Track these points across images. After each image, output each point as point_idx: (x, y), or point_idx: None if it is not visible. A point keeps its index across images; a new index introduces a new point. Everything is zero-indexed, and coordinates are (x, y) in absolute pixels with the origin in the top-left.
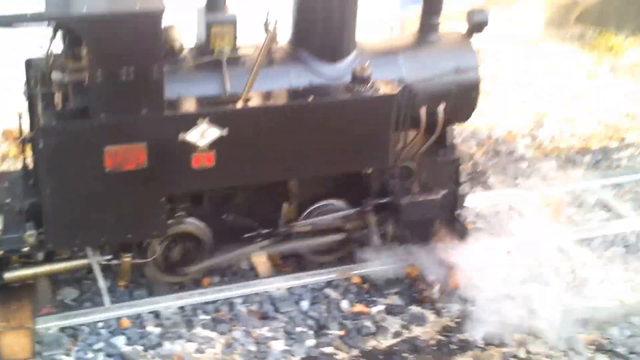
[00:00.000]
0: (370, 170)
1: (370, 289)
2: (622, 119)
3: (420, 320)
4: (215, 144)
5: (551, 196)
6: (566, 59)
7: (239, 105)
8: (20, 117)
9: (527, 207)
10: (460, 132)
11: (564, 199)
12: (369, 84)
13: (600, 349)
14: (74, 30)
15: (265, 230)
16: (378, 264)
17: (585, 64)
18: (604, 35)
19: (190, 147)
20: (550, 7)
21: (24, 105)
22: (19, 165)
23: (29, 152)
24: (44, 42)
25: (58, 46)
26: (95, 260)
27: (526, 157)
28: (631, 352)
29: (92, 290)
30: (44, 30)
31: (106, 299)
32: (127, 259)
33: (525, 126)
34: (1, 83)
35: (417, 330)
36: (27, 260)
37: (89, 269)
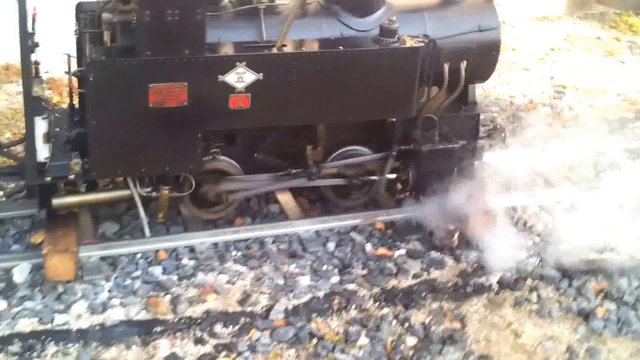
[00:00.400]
0: (394, 119)
1: (393, 234)
2: (639, 94)
3: (439, 264)
4: (251, 87)
5: (566, 156)
6: (586, 35)
7: (274, 51)
8: (69, 57)
9: (543, 164)
10: (483, 98)
11: (579, 160)
12: (395, 37)
13: (608, 297)
14: None
15: (294, 170)
16: (401, 211)
17: (604, 40)
18: (624, 15)
19: (228, 89)
20: None
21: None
22: None
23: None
24: None
25: None
26: (135, 191)
27: (545, 123)
28: (637, 300)
29: (132, 225)
30: None
31: (146, 228)
32: (165, 191)
33: (546, 96)
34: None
35: (435, 273)
36: (73, 189)
37: (129, 206)
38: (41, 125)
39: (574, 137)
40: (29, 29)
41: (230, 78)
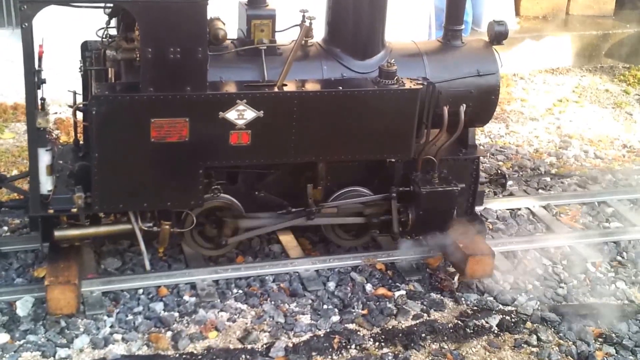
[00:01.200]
0: (393, 160)
1: (393, 275)
2: None
3: (439, 305)
4: (252, 124)
5: (569, 205)
6: (595, 87)
7: (275, 90)
8: (74, 93)
9: (546, 213)
10: (489, 147)
11: (582, 208)
12: (394, 79)
13: (608, 341)
14: (128, 15)
15: (294, 209)
16: (401, 252)
17: (613, 93)
18: (633, 69)
19: (229, 125)
20: (580, 39)
21: (78, 85)
22: None
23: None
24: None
25: (112, 31)
26: (137, 226)
27: (550, 172)
28: (637, 346)
29: (134, 261)
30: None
31: (147, 262)
32: (166, 226)
33: (552, 146)
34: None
35: (435, 314)
36: (75, 222)
37: (131, 243)
38: (44, 157)
39: (577, 186)
40: (36, 66)
41: (231, 115)
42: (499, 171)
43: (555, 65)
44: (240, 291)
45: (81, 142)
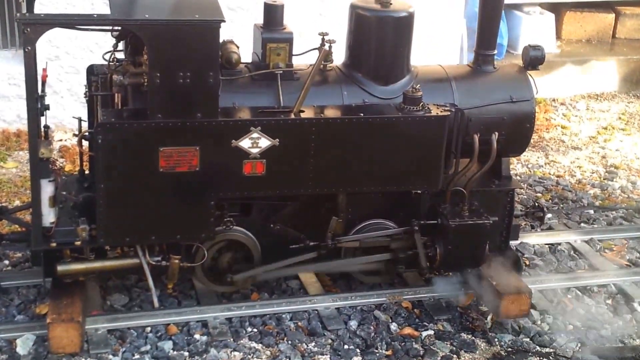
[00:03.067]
0: (419, 191)
1: (420, 314)
2: None
3: (470, 346)
4: (267, 153)
5: (614, 240)
6: None
7: (291, 116)
8: (79, 120)
9: (589, 248)
10: (527, 177)
11: (628, 243)
12: (419, 105)
13: None
14: (135, 38)
15: (312, 243)
16: (429, 290)
17: None
18: None
19: (242, 154)
20: (627, 64)
21: (83, 111)
22: None
23: (85, 153)
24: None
25: (120, 55)
26: (144, 260)
27: (593, 205)
28: None
29: (142, 298)
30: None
31: (155, 299)
32: (176, 261)
33: (596, 177)
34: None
35: (466, 356)
36: (79, 256)
37: (139, 278)
38: (47, 189)
39: (624, 220)
40: (39, 91)
41: (245, 143)
42: (537, 204)
43: (600, 91)
44: (255, 330)
45: (87, 172)
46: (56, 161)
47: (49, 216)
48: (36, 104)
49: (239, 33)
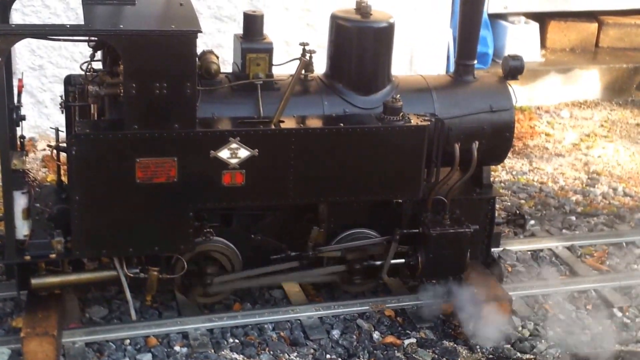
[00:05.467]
0: (400, 200)
1: (403, 322)
2: None
3: (452, 354)
4: (246, 163)
5: (595, 246)
6: (625, 122)
7: (271, 126)
8: (57, 131)
9: (570, 254)
10: (511, 184)
11: (608, 249)
12: (399, 115)
13: None
14: (112, 49)
15: (293, 253)
16: (411, 298)
17: None
18: None
19: (221, 165)
20: (610, 72)
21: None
22: None
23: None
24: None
25: (97, 65)
26: (122, 272)
27: (575, 211)
28: None
29: (122, 310)
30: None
31: (132, 311)
32: (154, 272)
33: (579, 184)
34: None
35: None
36: (55, 269)
37: (119, 290)
38: (20, 201)
39: (605, 226)
40: (15, 102)
41: (224, 154)
42: (517, 212)
43: (583, 99)
44: (237, 340)
45: (65, 183)
46: (30, 172)
47: (22, 228)
48: (9, 115)
49: (228, 43)
